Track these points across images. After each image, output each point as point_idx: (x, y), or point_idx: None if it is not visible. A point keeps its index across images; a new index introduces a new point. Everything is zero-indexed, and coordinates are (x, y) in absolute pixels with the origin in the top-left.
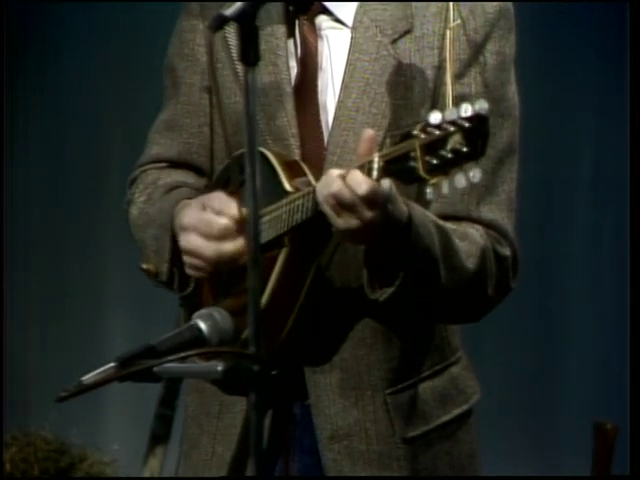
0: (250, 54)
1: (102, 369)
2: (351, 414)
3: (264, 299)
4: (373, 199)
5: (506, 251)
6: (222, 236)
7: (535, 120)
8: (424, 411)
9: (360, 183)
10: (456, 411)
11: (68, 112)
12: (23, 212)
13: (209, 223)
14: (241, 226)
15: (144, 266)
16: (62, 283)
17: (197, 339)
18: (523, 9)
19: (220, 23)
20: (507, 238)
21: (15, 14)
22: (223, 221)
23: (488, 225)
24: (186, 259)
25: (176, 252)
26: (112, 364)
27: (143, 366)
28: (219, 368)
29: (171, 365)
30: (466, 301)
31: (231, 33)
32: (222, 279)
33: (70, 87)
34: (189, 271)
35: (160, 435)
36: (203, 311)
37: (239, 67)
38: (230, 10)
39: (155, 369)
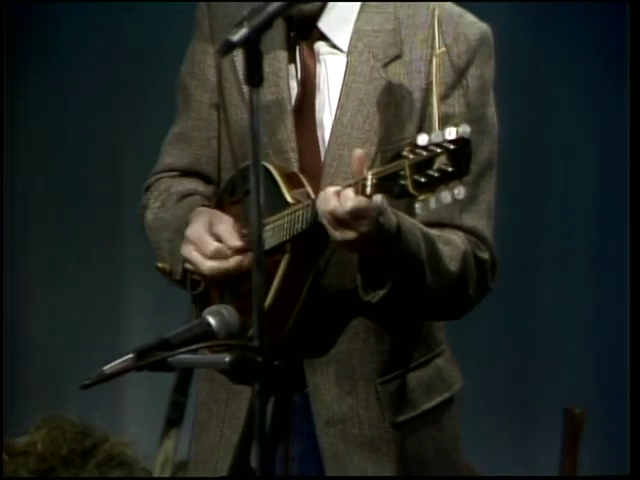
0: (254, 76)
1: (121, 360)
2: (345, 401)
3: (268, 299)
4: (362, 214)
5: (485, 255)
6: (214, 257)
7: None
8: (411, 399)
9: (347, 199)
10: (439, 398)
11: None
12: (42, 210)
13: (205, 243)
14: (233, 252)
15: (159, 265)
16: (87, 281)
17: (207, 333)
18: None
19: (228, 48)
20: (486, 243)
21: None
22: (215, 244)
23: (469, 231)
24: (187, 265)
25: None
26: (130, 355)
27: (158, 357)
28: (227, 359)
29: (183, 356)
30: (449, 300)
31: (238, 56)
32: (229, 281)
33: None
34: (192, 275)
35: (174, 419)
36: (212, 308)
37: (245, 87)
38: (237, 36)
39: (169, 360)
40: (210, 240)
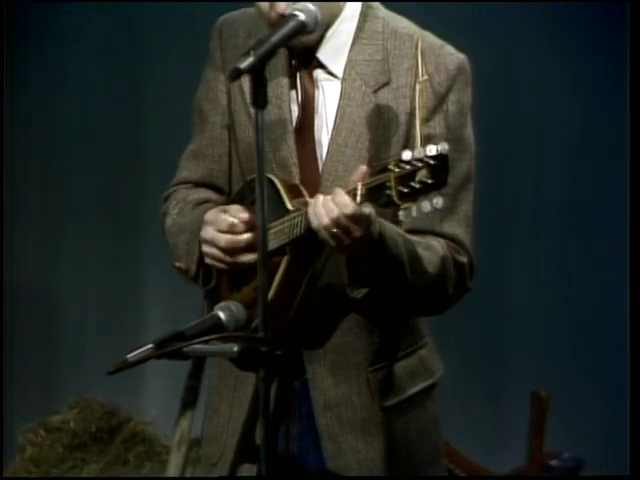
0: (260, 99)
1: (143, 349)
2: (340, 388)
3: (270, 295)
4: (359, 219)
5: (464, 259)
6: (231, 231)
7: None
8: (398, 385)
9: (347, 205)
10: (423, 385)
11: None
12: (77, 220)
13: (223, 220)
14: (248, 228)
15: (177, 264)
16: (113, 283)
17: (217, 326)
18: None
19: (237, 74)
20: (464, 248)
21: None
22: (233, 219)
23: (449, 238)
24: (204, 248)
25: (202, 255)
26: (150, 345)
27: (175, 347)
28: (235, 349)
29: (197, 346)
30: (430, 298)
31: (246, 83)
32: (236, 279)
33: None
34: (207, 260)
35: (189, 402)
36: (222, 304)
37: (251, 109)
38: (244, 64)
39: (184, 350)
40: (225, 216)
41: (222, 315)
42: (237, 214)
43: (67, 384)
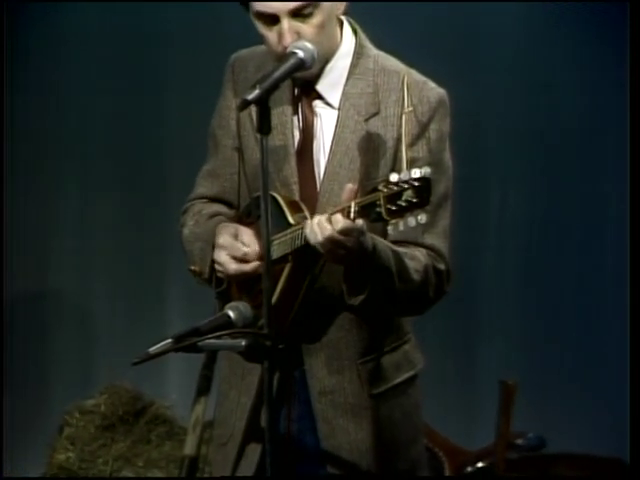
0: (264, 126)
1: (163, 343)
2: (334, 377)
3: (274, 297)
4: (349, 232)
5: (442, 266)
6: (242, 259)
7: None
8: (384, 375)
9: (337, 222)
10: (406, 375)
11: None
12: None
13: (236, 249)
14: (257, 256)
15: (192, 267)
16: (140, 284)
17: (228, 323)
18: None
19: (244, 105)
20: (442, 257)
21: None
22: (245, 249)
23: (429, 248)
24: (216, 266)
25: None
26: (170, 340)
27: (191, 342)
28: (243, 343)
29: (210, 341)
30: (414, 301)
31: (253, 111)
32: (245, 283)
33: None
34: (219, 274)
35: (203, 389)
36: (232, 304)
37: (258, 135)
38: (251, 95)
39: (199, 344)
40: (240, 246)
41: (232, 314)
42: (252, 246)
43: (99, 373)
